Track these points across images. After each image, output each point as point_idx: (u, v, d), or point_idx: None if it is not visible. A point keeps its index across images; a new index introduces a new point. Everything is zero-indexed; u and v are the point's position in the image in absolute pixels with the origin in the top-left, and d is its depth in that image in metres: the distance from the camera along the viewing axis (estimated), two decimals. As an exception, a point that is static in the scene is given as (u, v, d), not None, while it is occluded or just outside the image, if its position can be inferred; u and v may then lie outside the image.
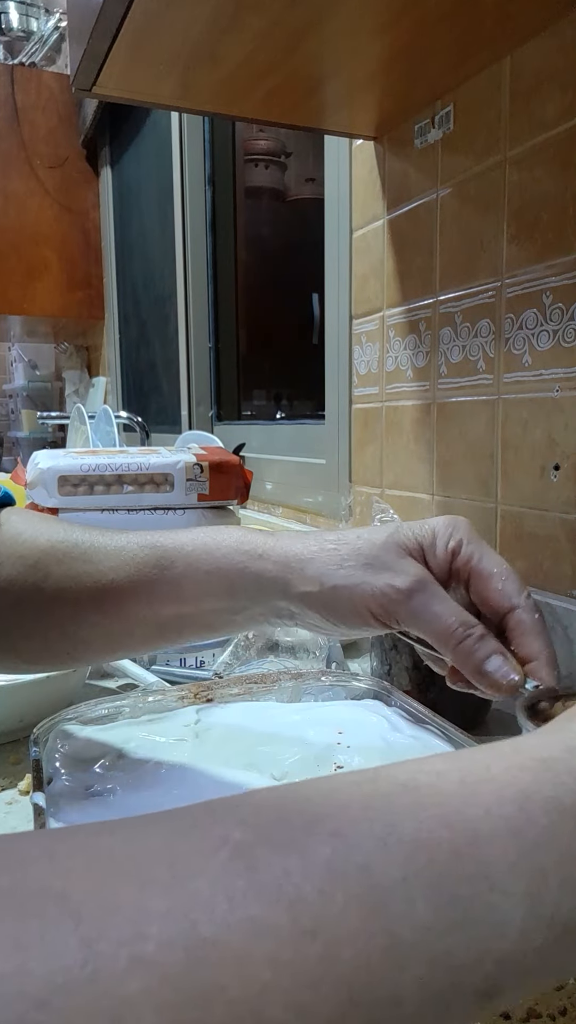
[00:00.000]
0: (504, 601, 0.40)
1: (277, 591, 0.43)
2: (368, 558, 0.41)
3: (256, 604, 0.44)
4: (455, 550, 0.41)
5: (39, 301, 2.58)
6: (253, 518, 1.34)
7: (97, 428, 1.38)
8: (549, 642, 0.39)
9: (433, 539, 0.41)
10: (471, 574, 0.40)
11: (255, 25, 0.64)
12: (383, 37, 0.66)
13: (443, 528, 0.41)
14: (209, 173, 1.76)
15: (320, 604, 0.41)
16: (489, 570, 0.40)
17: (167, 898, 0.16)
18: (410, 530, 0.42)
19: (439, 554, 0.41)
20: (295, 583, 0.42)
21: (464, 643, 0.38)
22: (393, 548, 0.41)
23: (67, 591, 0.46)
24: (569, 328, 0.65)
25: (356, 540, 0.42)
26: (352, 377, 1.01)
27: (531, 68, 0.68)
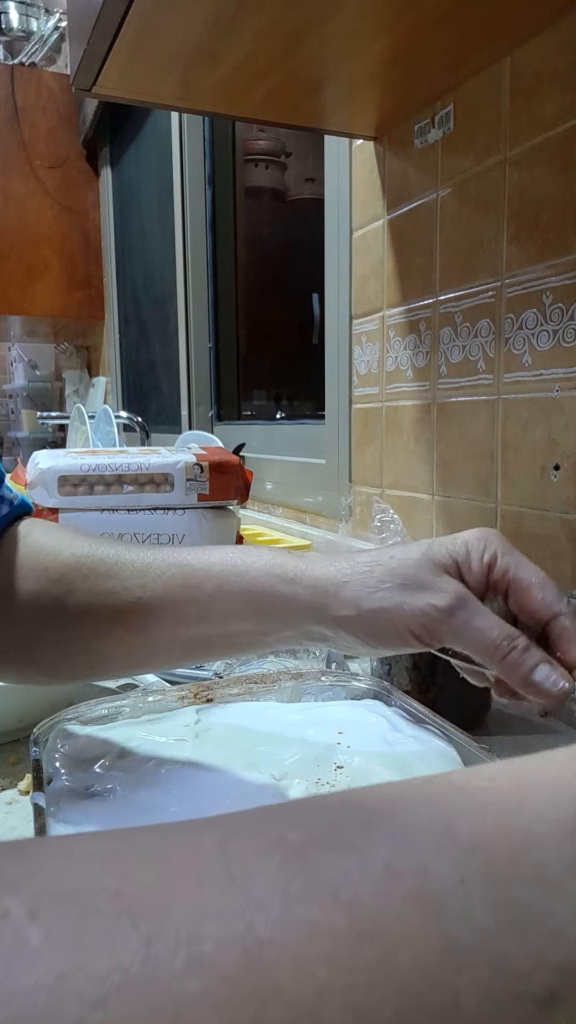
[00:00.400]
0: (546, 610, 0.40)
1: (311, 616, 0.42)
2: (404, 578, 0.41)
3: (287, 628, 0.44)
4: (491, 563, 0.41)
5: (39, 301, 2.58)
6: (253, 518, 1.34)
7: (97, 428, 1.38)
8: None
9: (467, 554, 0.41)
10: (509, 585, 0.40)
11: (255, 25, 0.64)
12: (383, 37, 0.66)
13: (476, 542, 0.41)
14: (209, 173, 1.76)
15: (358, 628, 0.41)
16: (528, 580, 0.40)
17: (223, 898, 0.16)
18: (443, 547, 0.41)
19: (475, 568, 0.41)
20: (332, 608, 0.42)
21: (510, 655, 0.38)
22: (428, 566, 0.41)
23: (92, 607, 0.45)
24: (569, 328, 0.65)
25: (390, 560, 0.42)
26: (352, 377, 1.01)
27: (531, 68, 0.68)
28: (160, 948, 0.15)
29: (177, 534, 0.79)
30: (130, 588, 0.45)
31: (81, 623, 0.46)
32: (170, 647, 0.46)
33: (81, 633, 0.46)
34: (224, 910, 0.16)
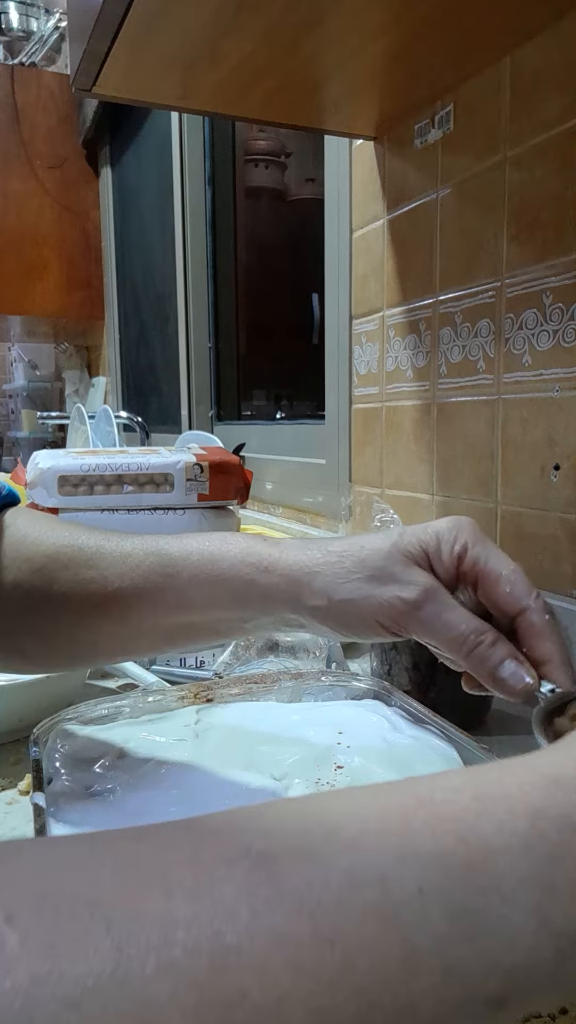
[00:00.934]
0: (514, 603, 0.39)
1: (285, 605, 0.43)
2: (374, 569, 0.40)
3: (264, 615, 0.44)
4: (461, 554, 0.40)
5: (39, 301, 2.57)
6: (253, 518, 1.34)
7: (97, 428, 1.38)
8: (562, 643, 0.39)
9: (438, 544, 0.41)
10: (479, 576, 0.40)
11: (255, 25, 0.64)
12: (383, 37, 0.66)
13: (447, 532, 0.41)
14: (209, 173, 1.76)
15: (329, 617, 0.42)
16: (497, 572, 0.39)
17: (193, 905, 0.17)
18: (414, 536, 0.41)
19: (445, 559, 0.40)
20: (304, 597, 0.42)
21: (477, 650, 0.38)
22: (398, 557, 0.40)
23: (73, 596, 0.46)
24: (569, 328, 0.65)
25: (360, 551, 0.42)
26: (352, 377, 1.01)
27: (531, 68, 0.68)
28: (131, 953, 0.16)
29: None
30: (109, 577, 0.46)
31: (63, 612, 0.46)
32: (152, 634, 0.46)
33: (63, 622, 0.47)
34: (193, 917, 0.17)
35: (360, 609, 0.40)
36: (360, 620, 0.41)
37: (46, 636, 0.47)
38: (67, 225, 2.58)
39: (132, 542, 0.47)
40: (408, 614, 0.39)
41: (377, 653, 0.68)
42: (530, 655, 0.39)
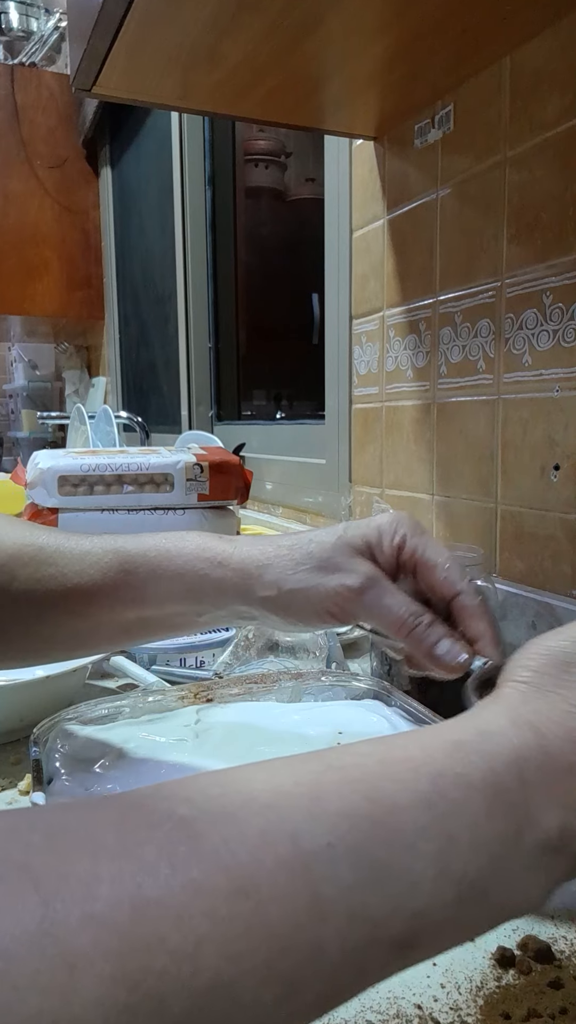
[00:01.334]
0: (449, 588, 0.43)
1: (238, 597, 0.45)
2: (320, 560, 0.44)
3: (218, 608, 0.47)
4: (400, 545, 0.44)
5: (39, 301, 2.57)
6: (253, 518, 1.34)
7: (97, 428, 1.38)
8: (492, 622, 0.42)
9: (379, 537, 0.44)
10: (417, 565, 0.43)
11: (255, 25, 0.64)
12: (383, 37, 0.66)
13: (388, 525, 0.44)
14: (209, 173, 1.76)
15: (279, 607, 0.44)
16: (433, 560, 0.43)
17: (116, 864, 0.18)
18: (358, 530, 0.45)
19: (386, 550, 0.44)
20: (255, 589, 0.45)
21: (415, 631, 0.41)
22: (343, 549, 0.44)
23: (33, 593, 0.47)
24: (569, 328, 0.65)
25: (308, 544, 0.45)
26: (352, 377, 1.01)
27: (531, 68, 0.68)
28: (57, 907, 0.17)
29: (177, 534, 0.79)
30: (68, 574, 0.47)
31: (24, 609, 0.48)
32: (110, 629, 0.48)
33: (24, 618, 0.48)
34: (117, 874, 0.18)
35: (308, 597, 0.43)
36: (308, 608, 0.44)
37: (6, 630, 0.49)
38: (67, 225, 2.58)
39: (91, 541, 0.49)
40: (352, 600, 0.43)
41: (377, 653, 0.68)
42: (465, 634, 0.42)
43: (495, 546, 0.75)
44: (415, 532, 0.44)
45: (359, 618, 0.44)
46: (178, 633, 0.52)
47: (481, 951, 0.37)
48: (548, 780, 0.24)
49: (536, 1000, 0.33)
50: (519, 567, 0.72)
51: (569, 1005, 0.33)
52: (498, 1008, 0.33)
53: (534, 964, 0.36)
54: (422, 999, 0.34)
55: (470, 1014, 0.33)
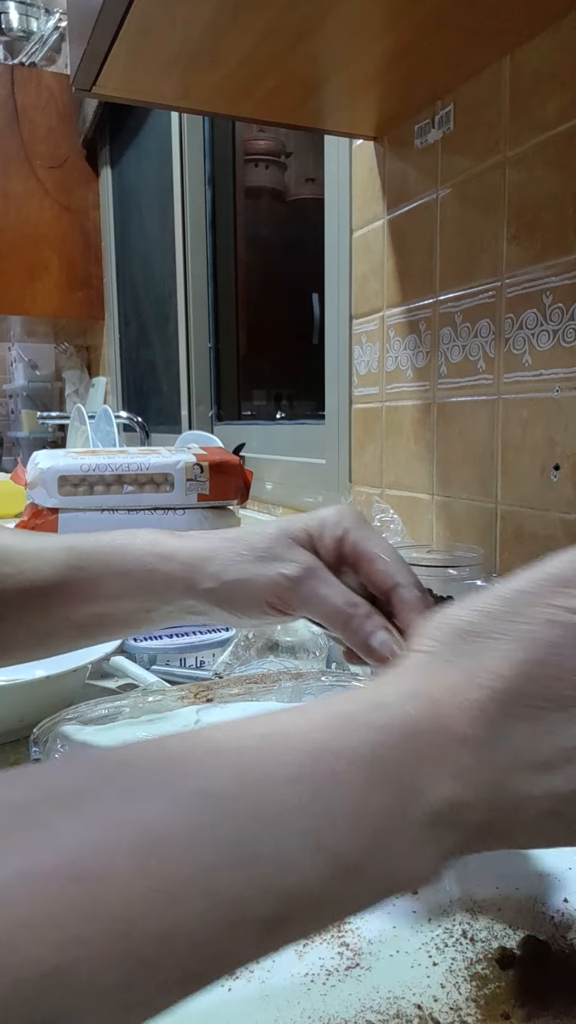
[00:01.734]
0: (388, 580, 0.42)
1: (184, 591, 0.46)
2: (261, 551, 0.44)
3: (167, 603, 0.47)
4: (342, 536, 0.44)
5: (39, 301, 2.57)
6: (253, 518, 1.34)
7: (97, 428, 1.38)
8: None
9: (321, 528, 0.44)
10: (358, 557, 0.43)
11: (255, 25, 0.64)
12: (383, 37, 0.66)
13: (330, 517, 0.44)
14: (209, 173, 1.75)
15: (221, 599, 0.45)
16: (372, 552, 0.43)
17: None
18: (300, 521, 0.45)
19: (327, 541, 0.44)
20: (199, 581, 0.45)
21: (351, 622, 0.41)
22: (283, 540, 0.44)
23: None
24: (569, 328, 0.65)
25: (251, 536, 0.45)
26: (352, 377, 1.01)
27: (531, 68, 0.68)
28: None
29: (177, 534, 0.79)
30: (24, 572, 0.48)
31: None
32: (66, 627, 0.49)
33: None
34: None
35: (248, 588, 0.43)
36: (249, 599, 0.44)
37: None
38: (67, 225, 2.58)
39: (48, 539, 0.50)
40: (290, 590, 0.42)
41: (377, 653, 0.68)
42: (402, 627, 0.42)
43: (495, 546, 0.75)
44: (357, 525, 0.44)
45: (297, 609, 0.44)
46: (133, 631, 0.52)
47: (481, 951, 0.37)
48: (440, 751, 0.24)
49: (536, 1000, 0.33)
50: (519, 567, 0.72)
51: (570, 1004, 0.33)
52: (498, 1008, 0.33)
53: (534, 964, 0.36)
54: (422, 999, 0.34)
55: (470, 1014, 0.33)
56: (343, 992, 0.34)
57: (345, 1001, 0.34)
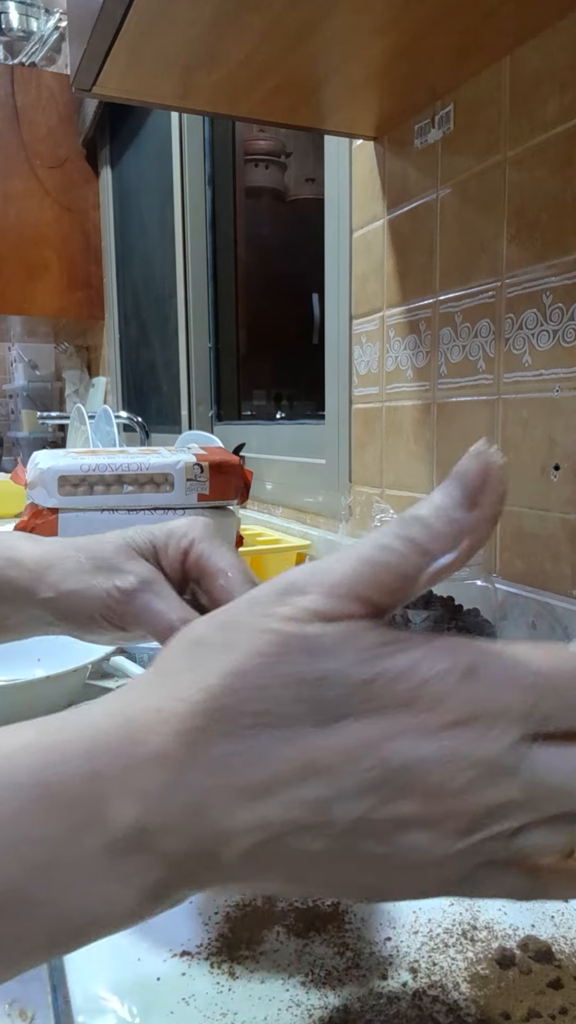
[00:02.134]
0: (227, 596, 0.39)
1: (27, 599, 0.42)
2: (100, 561, 0.40)
3: (16, 612, 0.43)
4: (187, 549, 0.40)
5: (39, 301, 2.57)
6: (253, 518, 1.34)
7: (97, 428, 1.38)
8: None
9: (167, 540, 0.41)
10: (201, 572, 0.40)
11: (255, 25, 0.64)
12: (383, 37, 0.66)
13: (178, 528, 0.41)
14: (209, 173, 1.75)
15: (59, 611, 0.41)
16: (216, 567, 0.40)
17: None
18: (146, 531, 0.42)
19: (171, 553, 0.40)
20: (38, 590, 0.41)
21: None
22: (125, 550, 0.40)
23: None
24: (569, 328, 0.65)
25: (95, 544, 0.42)
26: (352, 377, 1.01)
27: (531, 68, 0.68)
28: None
29: (177, 534, 0.79)
30: None
31: None
32: None
33: None
34: None
35: (83, 600, 0.40)
36: (83, 613, 0.40)
37: None
38: (67, 225, 2.58)
39: None
40: (124, 603, 0.39)
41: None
42: None
43: (495, 546, 0.75)
44: (204, 537, 0.41)
45: (131, 625, 0.40)
46: None
47: (481, 951, 0.37)
48: (127, 770, 0.22)
49: (536, 1000, 0.33)
50: (519, 567, 0.72)
51: (569, 1005, 0.33)
52: (498, 1008, 0.33)
53: (534, 964, 0.36)
54: (422, 999, 0.34)
55: (470, 1014, 0.33)
56: (343, 992, 0.34)
57: (345, 1001, 0.34)
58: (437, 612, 0.63)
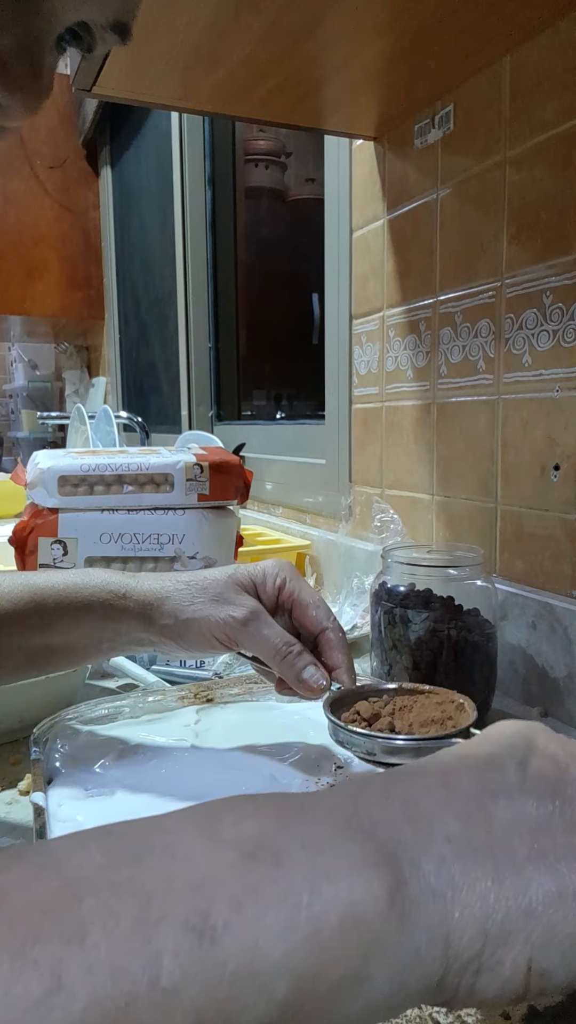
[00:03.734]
0: (317, 624, 0.52)
1: (139, 625, 0.52)
2: (213, 595, 0.51)
3: (119, 636, 0.53)
4: (281, 586, 0.52)
5: (39, 301, 2.57)
6: (253, 518, 1.34)
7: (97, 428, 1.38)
8: (348, 654, 0.52)
9: (264, 578, 0.52)
10: (293, 604, 0.52)
11: (255, 25, 0.64)
12: (383, 37, 0.66)
13: (271, 568, 0.53)
14: (209, 173, 1.75)
15: (176, 634, 0.52)
16: (306, 601, 0.52)
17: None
18: (246, 570, 0.53)
19: (268, 589, 0.52)
20: (155, 618, 0.52)
21: (287, 658, 0.49)
22: (232, 586, 0.52)
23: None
24: (569, 328, 0.65)
25: (203, 580, 0.52)
26: (352, 377, 1.01)
27: (531, 68, 0.68)
28: None
29: (177, 534, 0.79)
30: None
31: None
32: (16, 657, 0.53)
33: None
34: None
35: (201, 626, 0.51)
36: (200, 635, 0.51)
37: None
38: (67, 225, 2.58)
39: (2, 576, 0.54)
40: (238, 629, 0.50)
41: (377, 653, 0.68)
42: (326, 663, 0.51)
43: (495, 546, 0.75)
44: (293, 576, 0.53)
45: (243, 646, 0.51)
46: (78, 662, 0.56)
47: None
48: None
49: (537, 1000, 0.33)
50: (519, 567, 0.72)
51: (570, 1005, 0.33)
52: (498, 1008, 0.33)
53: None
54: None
55: (470, 1014, 0.33)
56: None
57: (345, 1001, 0.33)
58: (437, 612, 0.63)
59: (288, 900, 0.20)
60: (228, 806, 0.24)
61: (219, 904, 0.20)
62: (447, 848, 0.23)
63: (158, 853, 0.21)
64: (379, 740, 0.45)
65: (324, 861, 0.21)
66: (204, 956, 0.19)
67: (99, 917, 0.19)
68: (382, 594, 0.68)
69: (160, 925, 0.19)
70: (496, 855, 0.23)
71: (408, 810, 0.24)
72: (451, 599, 0.65)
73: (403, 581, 0.67)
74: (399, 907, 0.21)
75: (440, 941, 0.21)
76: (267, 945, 0.19)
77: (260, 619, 0.50)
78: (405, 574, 0.67)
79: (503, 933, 0.21)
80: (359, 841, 0.22)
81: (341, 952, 0.20)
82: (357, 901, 0.21)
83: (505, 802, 0.24)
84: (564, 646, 0.65)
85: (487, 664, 0.64)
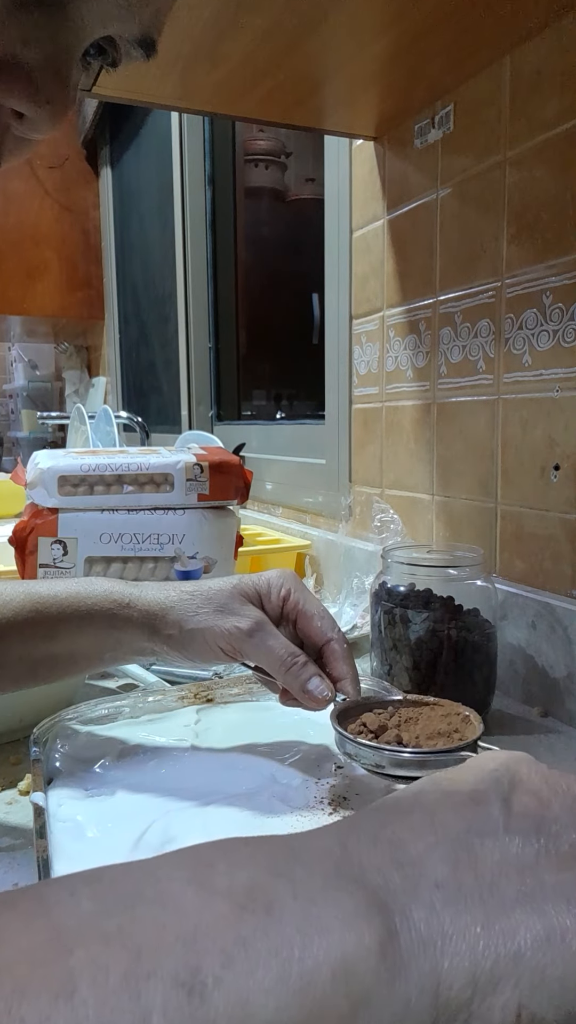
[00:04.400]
0: (321, 635, 0.52)
1: (142, 635, 0.52)
2: (218, 605, 0.51)
3: (121, 645, 0.53)
4: (285, 596, 0.52)
5: (39, 301, 2.57)
6: (253, 518, 1.34)
7: (97, 428, 1.38)
8: (353, 665, 0.52)
9: (268, 588, 0.52)
10: (298, 615, 0.52)
11: (255, 25, 0.64)
12: (383, 37, 0.66)
13: (276, 579, 0.53)
14: (209, 173, 1.75)
15: (180, 644, 0.51)
16: (311, 612, 0.52)
17: None
18: (251, 581, 0.53)
19: (273, 600, 0.52)
20: (159, 628, 0.51)
21: (292, 669, 0.49)
22: (237, 596, 0.52)
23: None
24: (569, 328, 0.65)
25: (208, 591, 0.52)
26: (352, 377, 1.01)
27: (531, 68, 0.68)
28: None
29: (177, 534, 0.79)
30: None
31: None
32: (18, 667, 0.52)
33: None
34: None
35: (205, 636, 0.51)
36: (205, 645, 0.51)
37: None
38: (67, 225, 2.58)
39: (6, 585, 0.54)
40: (242, 640, 0.50)
41: (377, 653, 0.68)
42: (330, 674, 0.51)
43: (495, 546, 0.75)
44: (298, 587, 0.53)
45: (247, 657, 0.51)
46: (80, 672, 0.56)
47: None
48: None
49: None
50: (519, 567, 0.72)
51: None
52: None
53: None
54: (422, 999, 0.34)
55: (470, 1014, 0.33)
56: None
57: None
58: (437, 612, 0.63)
59: (280, 954, 0.20)
60: (220, 851, 0.24)
61: (210, 958, 0.19)
62: (436, 895, 0.22)
63: (149, 901, 0.21)
64: (387, 753, 0.45)
65: (316, 912, 0.21)
66: (194, 1013, 0.19)
67: (88, 971, 0.18)
68: (382, 594, 0.68)
69: (150, 980, 0.19)
70: (485, 900, 0.23)
71: (397, 855, 0.24)
72: (451, 599, 0.65)
73: (403, 581, 0.67)
74: (390, 959, 0.21)
75: (430, 992, 0.21)
76: (257, 1001, 0.19)
77: (265, 630, 0.50)
78: (405, 574, 0.67)
79: (492, 980, 0.21)
80: (350, 891, 0.22)
81: (332, 1006, 0.20)
82: (349, 954, 0.20)
83: (491, 843, 0.24)
84: (564, 646, 0.65)
85: (487, 664, 0.64)
